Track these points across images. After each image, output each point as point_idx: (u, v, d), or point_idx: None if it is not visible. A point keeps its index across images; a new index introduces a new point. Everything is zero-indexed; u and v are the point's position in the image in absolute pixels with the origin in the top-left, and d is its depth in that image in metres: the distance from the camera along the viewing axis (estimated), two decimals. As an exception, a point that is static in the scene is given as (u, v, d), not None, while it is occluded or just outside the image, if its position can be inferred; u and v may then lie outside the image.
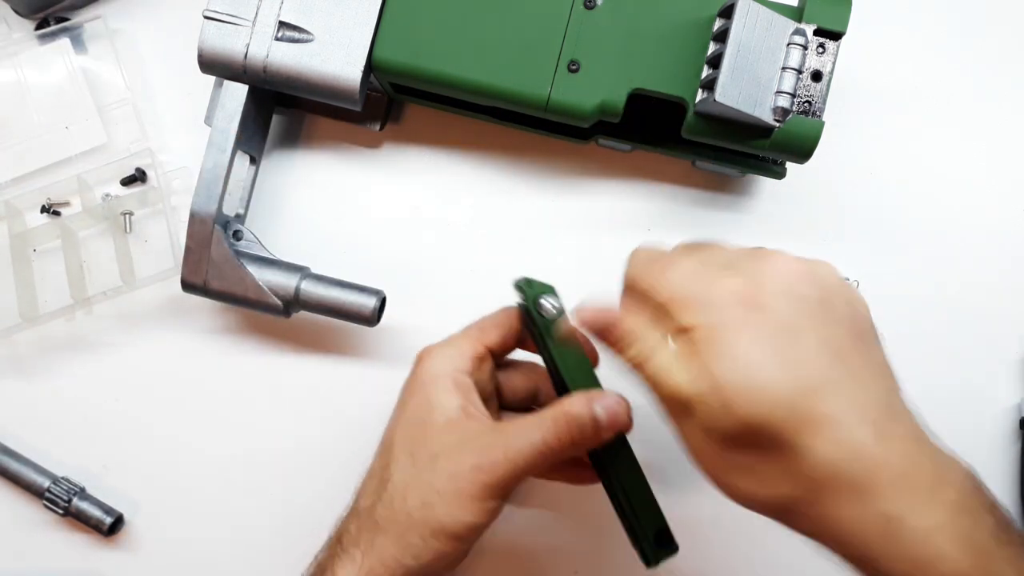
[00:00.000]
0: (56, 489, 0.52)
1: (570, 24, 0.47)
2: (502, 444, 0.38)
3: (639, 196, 0.54)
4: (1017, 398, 0.52)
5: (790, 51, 0.44)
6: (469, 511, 0.38)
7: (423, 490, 0.39)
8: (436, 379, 0.41)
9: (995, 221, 0.54)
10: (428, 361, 0.42)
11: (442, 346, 0.43)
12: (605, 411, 0.39)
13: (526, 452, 0.38)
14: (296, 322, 0.54)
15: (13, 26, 0.56)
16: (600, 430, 0.39)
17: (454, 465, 0.39)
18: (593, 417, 0.39)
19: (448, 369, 0.41)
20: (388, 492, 0.40)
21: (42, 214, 0.55)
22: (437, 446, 0.39)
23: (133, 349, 0.55)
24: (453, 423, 0.40)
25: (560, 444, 0.38)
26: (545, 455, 0.38)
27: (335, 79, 0.48)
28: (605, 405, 0.39)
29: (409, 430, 0.41)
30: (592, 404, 0.39)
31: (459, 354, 0.42)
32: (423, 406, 0.41)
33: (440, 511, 0.38)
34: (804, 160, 0.46)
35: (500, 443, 0.38)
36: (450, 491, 0.38)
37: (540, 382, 0.46)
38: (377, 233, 0.55)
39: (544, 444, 0.38)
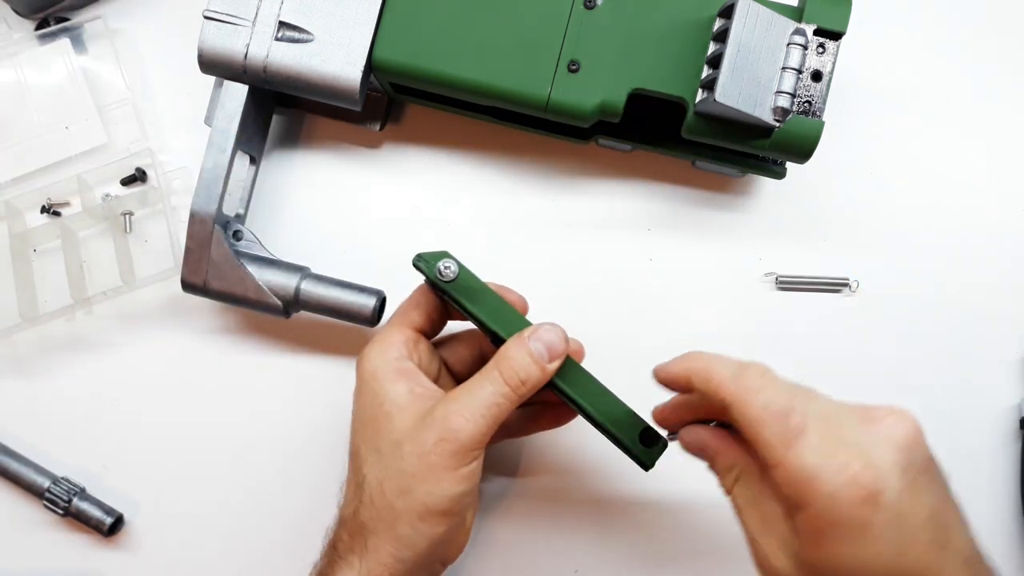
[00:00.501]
0: (56, 489, 0.52)
1: (570, 24, 0.47)
2: (457, 409, 0.39)
3: (639, 196, 0.54)
4: (1017, 398, 0.52)
5: (790, 51, 0.44)
6: (447, 482, 0.39)
7: (397, 479, 0.40)
8: (376, 373, 0.42)
9: (995, 221, 0.54)
10: (364, 361, 0.43)
11: (372, 343, 0.44)
12: (541, 343, 0.40)
13: (482, 408, 0.39)
14: (296, 322, 0.54)
15: (13, 26, 0.56)
16: (542, 363, 0.40)
17: (418, 445, 0.39)
18: (530, 353, 0.40)
19: (385, 360, 0.42)
20: (366, 493, 0.41)
21: (42, 214, 0.55)
22: (398, 433, 0.40)
23: (133, 349, 0.55)
24: (406, 408, 0.41)
25: (511, 390, 0.40)
26: (501, 406, 0.40)
27: (335, 79, 0.48)
28: (539, 338, 0.41)
29: (367, 429, 0.42)
30: (526, 342, 0.40)
31: (390, 344, 0.43)
32: (373, 403, 0.41)
33: (420, 493, 0.39)
34: (804, 160, 0.46)
35: (455, 409, 0.39)
36: (422, 470, 0.39)
37: (483, 345, 0.47)
38: (377, 233, 0.55)
39: (497, 395, 0.39)
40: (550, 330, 0.41)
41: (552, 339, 0.41)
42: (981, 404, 0.52)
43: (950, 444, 0.52)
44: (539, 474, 0.53)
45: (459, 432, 0.39)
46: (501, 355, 0.41)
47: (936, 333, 0.53)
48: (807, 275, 0.53)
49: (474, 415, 0.39)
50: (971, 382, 0.53)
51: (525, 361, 0.40)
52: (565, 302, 0.54)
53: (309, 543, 0.52)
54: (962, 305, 0.53)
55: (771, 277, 0.53)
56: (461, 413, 0.39)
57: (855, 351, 0.53)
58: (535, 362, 0.40)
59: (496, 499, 0.53)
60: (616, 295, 0.54)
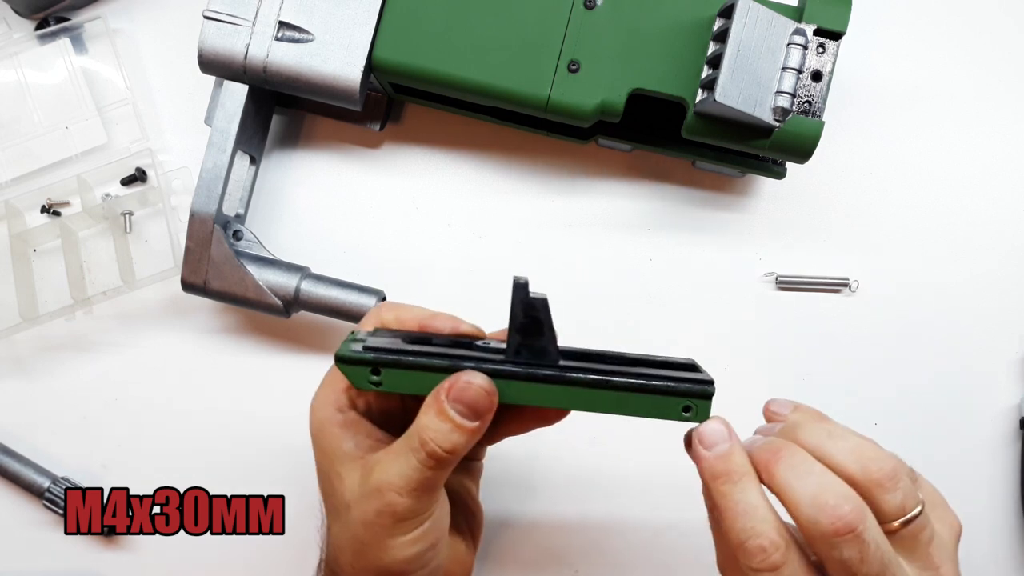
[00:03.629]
0: (56, 489, 0.52)
1: (570, 24, 0.47)
2: (388, 482, 0.36)
3: (639, 196, 0.54)
4: (1017, 398, 0.52)
5: (790, 51, 0.44)
6: (397, 548, 0.37)
7: (351, 542, 0.38)
8: (322, 428, 0.39)
9: (995, 221, 0.54)
10: (311, 413, 0.40)
11: (318, 389, 0.40)
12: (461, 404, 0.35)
13: (413, 482, 0.36)
14: (296, 322, 0.54)
15: (13, 26, 0.56)
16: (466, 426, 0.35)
17: (362, 513, 0.37)
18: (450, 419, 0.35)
19: (328, 413, 0.39)
20: (332, 548, 0.40)
21: (42, 214, 0.55)
22: (347, 495, 0.38)
23: (133, 349, 0.55)
24: (351, 468, 0.38)
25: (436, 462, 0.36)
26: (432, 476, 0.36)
27: (335, 79, 0.48)
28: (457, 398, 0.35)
29: (323, 483, 0.40)
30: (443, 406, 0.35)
31: (332, 392, 0.39)
32: (324, 459, 0.39)
33: (372, 556, 0.38)
34: (804, 160, 0.46)
35: (387, 482, 0.36)
36: (370, 538, 0.37)
37: None
38: (377, 233, 0.55)
39: (423, 468, 0.36)
40: (467, 385, 0.35)
41: (472, 397, 0.35)
42: (981, 404, 0.52)
43: (950, 444, 0.53)
44: (539, 474, 0.53)
45: (395, 506, 0.36)
46: (420, 424, 0.36)
47: (936, 333, 0.53)
48: (807, 275, 0.53)
49: (406, 488, 0.36)
50: (971, 382, 0.53)
51: (445, 429, 0.35)
52: (565, 302, 0.54)
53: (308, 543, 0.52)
54: (962, 305, 0.53)
55: (771, 277, 0.53)
56: (392, 487, 0.36)
57: (855, 351, 0.53)
58: (457, 428, 0.35)
59: (496, 499, 0.53)
60: (616, 295, 0.54)
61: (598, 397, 0.36)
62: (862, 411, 0.53)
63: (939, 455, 0.52)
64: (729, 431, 0.35)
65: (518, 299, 0.36)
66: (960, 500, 0.52)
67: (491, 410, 0.36)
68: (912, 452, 0.52)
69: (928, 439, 0.52)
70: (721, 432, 0.35)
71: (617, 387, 0.36)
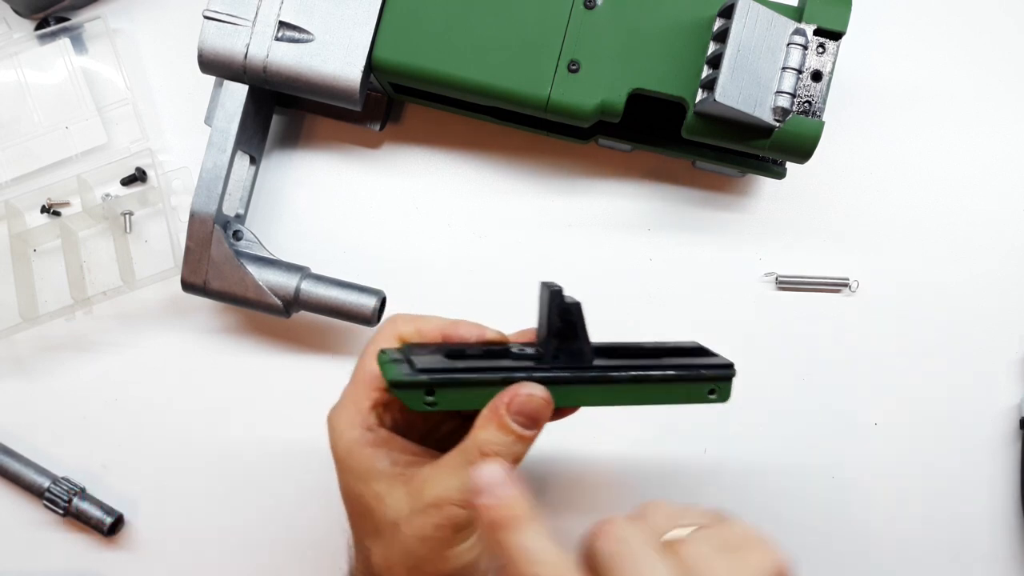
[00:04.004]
0: (56, 489, 0.52)
1: (570, 24, 0.47)
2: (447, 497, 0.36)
3: (639, 196, 0.54)
4: (1017, 398, 0.52)
5: (790, 51, 0.44)
6: (457, 556, 0.37)
7: (403, 559, 0.37)
8: (352, 449, 0.38)
9: (995, 221, 0.54)
10: (334, 433, 0.39)
11: (340, 408, 0.40)
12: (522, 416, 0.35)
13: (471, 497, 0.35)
14: (296, 322, 0.54)
15: (13, 26, 0.56)
16: (526, 436, 0.36)
17: (418, 529, 0.36)
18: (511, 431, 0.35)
19: (357, 434, 0.38)
20: (375, 566, 0.39)
21: (42, 214, 0.55)
22: (392, 514, 0.37)
23: (133, 349, 0.55)
24: (393, 486, 0.37)
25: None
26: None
27: (335, 79, 0.48)
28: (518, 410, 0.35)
29: (358, 505, 0.39)
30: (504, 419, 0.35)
31: (357, 412, 0.39)
32: (356, 481, 0.38)
33: (431, 568, 0.37)
34: (804, 160, 0.46)
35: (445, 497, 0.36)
36: (428, 552, 0.37)
37: None
38: (377, 233, 0.55)
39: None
40: (530, 398, 0.35)
41: (535, 408, 0.35)
42: (981, 404, 0.52)
43: (950, 444, 0.53)
44: (539, 474, 0.53)
45: (456, 519, 0.36)
46: (481, 438, 0.36)
47: (936, 333, 0.53)
48: (807, 275, 0.53)
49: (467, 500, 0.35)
50: (971, 382, 0.53)
51: (507, 442, 0.35)
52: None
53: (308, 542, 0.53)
54: (962, 305, 0.53)
55: (771, 277, 0.53)
56: (453, 500, 0.35)
57: (855, 351, 0.53)
58: (519, 439, 0.35)
59: (496, 499, 0.53)
60: (616, 295, 0.54)
61: (637, 392, 0.37)
62: (862, 411, 0.53)
63: (939, 455, 0.52)
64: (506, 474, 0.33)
65: (554, 305, 0.37)
66: (960, 500, 0.52)
67: (548, 418, 0.36)
68: (912, 452, 0.53)
69: (928, 439, 0.52)
70: (498, 475, 0.33)
71: (655, 380, 0.37)
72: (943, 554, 0.52)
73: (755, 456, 0.53)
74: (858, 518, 0.52)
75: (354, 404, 0.39)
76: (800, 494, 0.52)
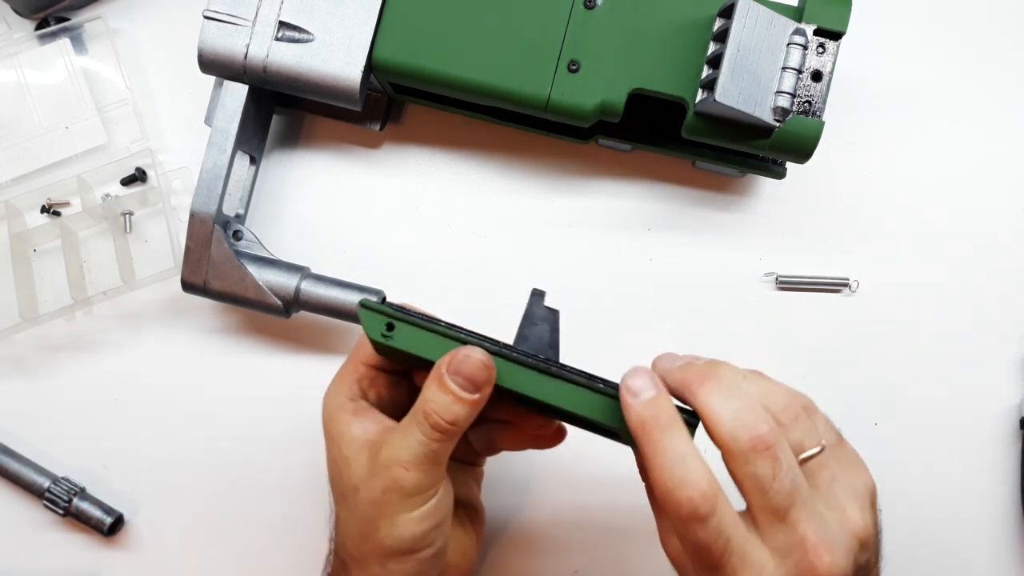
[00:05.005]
0: (56, 489, 0.52)
1: (570, 24, 0.47)
2: (395, 457, 0.38)
3: (639, 196, 0.54)
4: (1017, 398, 0.52)
5: (790, 51, 0.44)
6: (404, 526, 0.38)
7: (358, 524, 0.39)
8: (333, 415, 0.41)
9: (995, 221, 0.54)
10: (324, 403, 0.42)
11: (332, 382, 0.43)
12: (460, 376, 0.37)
13: (418, 456, 0.37)
14: (296, 322, 0.54)
15: (13, 26, 0.56)
16: (466, 399, 0.37)
17: (370, 492, 0.38)
18: (450, 391, 0.37)
19: (340, 401, 0.41)
20: (340, 533, 0.41)
21: (42, 214, 0.55)
22: (355, 478, 0.39)
23: (133, 349, 0.55)
24: (359, 451, 0.39)
25: (440, 434, 0.37)
26: (437, 450, 0.38)
27: (335, 79, 0.48)
28: (456, 371, 0.37)
29: (332, 470, 0.41)
30: (444, 379, 0.37)
31: (345, 383, 0.42)
32: (333, 446, 0.41)
33: (381, 535, 0.38)
34: (804, 160, 0.46)
35: (394, 457, 0.38)
36: (377, 516, 0.38)
37: None
38: (377, 233, 0.55)
39: (426, 441, 0.37)
40: (466, 358, 0.37)
41: (471, 368, 0.37)
42: (981, 404, 0.52)
43: (950, 444, 0.53)
44: (539, 474, 0.53)
45: (402, 481, 0.38)
46: (423, 397, 0.38)
47: (936, 333, 0.53)
48: (807, 275, 0.53)
49: (412, 463, 0.37)
50: (971, 382, 0.53)
51: (447, 401, 0.37)
52: (565, 302, 0.53)
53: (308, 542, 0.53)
54: (962, 305, 0.53)
55: (771, 277, 0.53)
56: (399, 462, 0.38)
57: (855, 351, 0.53)
58: (458, 400, 0.37)
59: (496, 499, 0.53)
60: (616, 295, 0.54)
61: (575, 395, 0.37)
62: (862, 411, 0.53)
63: (939, 455, 0.52)
64: (655, 380, 0.35)
65: (534, 304, 0.40)
66: (960, 500, 0.52)
67: (489, 383, 0.37)
68: (912, 452, 0.53)
69: (928, 439, 0.52)
70: (647, 380, 0.35)
71: (597, 391, 0.37)
72: (943, 554, 0.52)
73: (755, 456, 0.53)
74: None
75: (343, 376, 0.42)
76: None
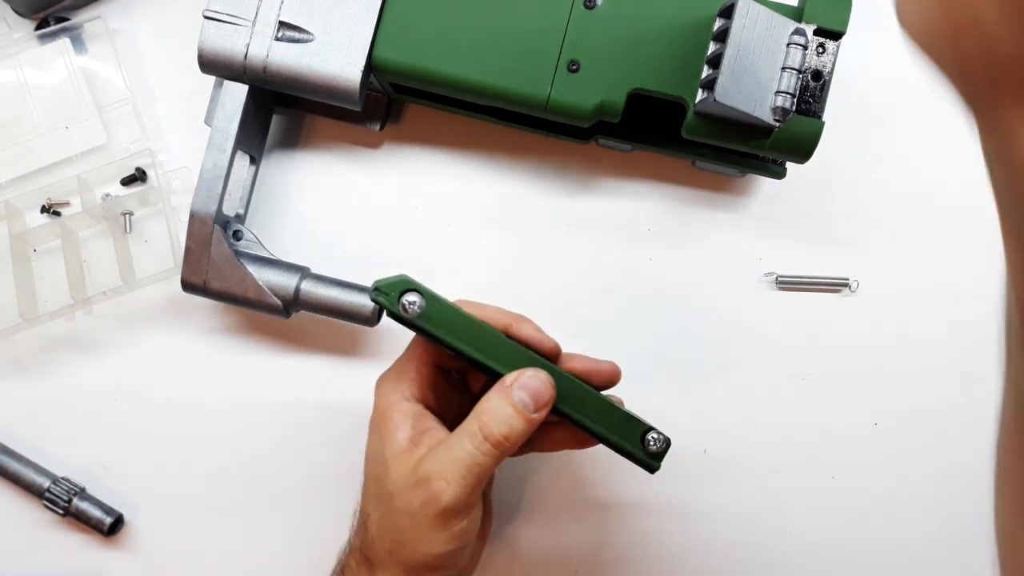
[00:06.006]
0: (56, 489, 0.52)
1: (570, 24, 0.47)
2: (438, 471, 0.37)
3: (639, 196, 0.54)
4: (1017, 398, 0.52)
5: (790, 51, 0.44)
6: (434, 543, 0.38)
7: (391, 532, 0.39)
8: (384, 413, 0.40)
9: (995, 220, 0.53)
10: (379, 396, 0.41)
11: (389, 374, 0.42)
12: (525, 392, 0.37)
13: (463, 470, 0.37)
14: (296, 322, 0.54)
15: (13, 26, 0.56)
16: (527, 415, 0.37)
17: (407, 504, 0.38)
18: (512, 404, 0.37)
19: (393, 400, 0.40)
20: (369, 533, 0.40)
21: (42, 214, 0.55)
22: (391, 486, 0.38)
23: (133, 349, 0.55)
24: (401, 459, 0.39)
25: (492, 447, 0.37)
26: (483, 464, 0.37)
27: (335, 79, 0.48)
28: (522, 386, 0.37)
29: (371, 469, 0.41)
30: (509, 392, 0.37)
31: (402, 379, 0.41)
32: (378, 443, 0.40)
33: (410, 548, 0.38)
34: (804, 160, 0.46)
35: (436, 470, 0.37)
36: (410, 529, 0.38)
37: None
38: (377, 233, 0.55)
39: (477, 454, 0.37)
40: (534, 376, 0.38)
41: (537, 386, 0.37)
42: (981, 404, 0.52)
43: (950, 444, 0.53)
44: (540, 474, 0.53)
45: (441, 495, 0.37)
46: (481, 408, 0.38)
47: (936, 333, 0.53)
48: (807, 275, 0.53)
49: (455, 477, 0.37)
50: (971, 382, 0.53)
51: (507, 413, 0.37)
52: (565, 302, 0.54)
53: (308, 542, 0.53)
54: (962, 305, 0.53)
55: (771, 277, 0.53)
56: (442, 475, 0.37)
57: (855, 351, 0.53)
58: (518, 413, 0.37)
59: (497, 499, 0.53)
60: (616, 295, 0.54)
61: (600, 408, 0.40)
62: (862, 411, 0.53)
63: (939, 455, 0.52)
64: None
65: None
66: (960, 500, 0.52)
67: (549, 405, 0.38)
68: (912, 452, 0.53)
69: (928, 439, 0.52)
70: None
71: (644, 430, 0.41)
72: (943, 554, 0.52)
73: (755, 456, 0.53)
74: (858, 518, 0.53)
75: (402, 371, 0.41)
76: (800, 494, 0.52)
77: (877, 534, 0.52)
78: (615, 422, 0.41)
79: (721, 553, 0.52)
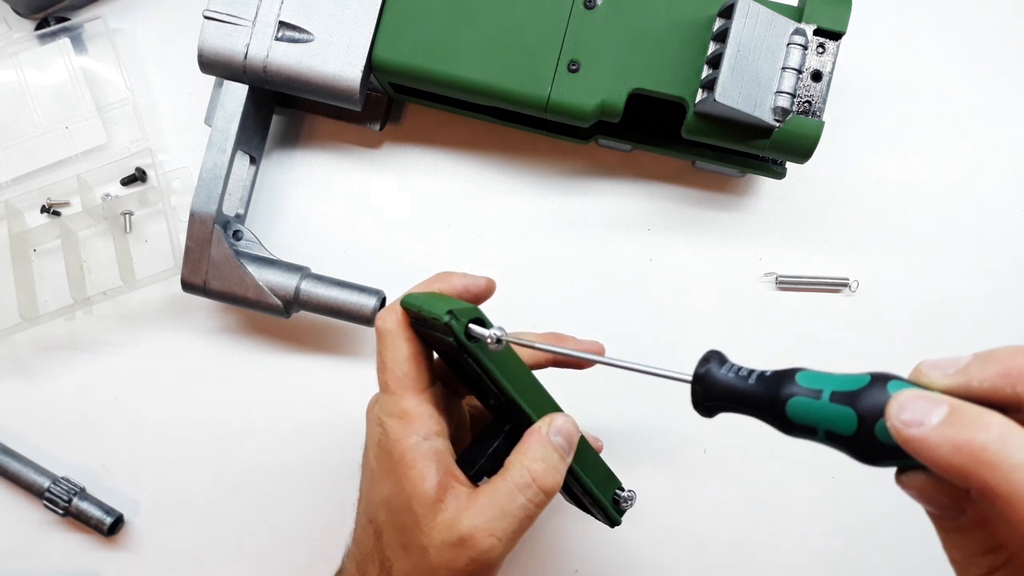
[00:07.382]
0: (56, 489, 0.52)
1: (570, 24, 0.47)
2: (487, 528, 0.35)
3: (639, 196, 0.54)
4: (1017, 398, 0.52)
5: (790, 51, 0.44)
6: None
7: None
8: (403, 459, 0.37)
9: (995, 220, 0.54)
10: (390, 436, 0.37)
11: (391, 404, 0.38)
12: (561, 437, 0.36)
13: (515, 524, 0.36)
14: (296, 322, 0.54)
15: (13, 26, 0.56)
16: (567, 460, 0.37)
17: (448, 561, 0.36)
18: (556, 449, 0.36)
19: (413, 442, 0.37)
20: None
21: (42, 214, 0.55)
22: (425, 539, 0.36)
23: (133, 349, 0.55)
24: (432, 510, 0.36)
25: (546, 497, 0.36)
26: (533, 515, 0.36)
27: (335, 79, 0.48)
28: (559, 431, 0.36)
29: (392, 516, 0.37)
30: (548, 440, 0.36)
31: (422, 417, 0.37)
32: (399, 492, 0.37)
33: None
34: (804, 160, 0.46)
35: (484, 527, 0.35)
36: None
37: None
38: (377, 233, 0.55)
39: (530, 505, 0.36)
40: (567, 421, 0.37)
41: (571, 430, 0.37)
42: (981, 404, 0.52)
43: (950, 444, 0.52)
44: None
45: (492, 553, 0.35)
46: (529, 458, 0.36)
47: (936, 333, 0.53)
48: (807, 275, 0.53)
49: (506, 533, 0.35)
50: (971, 382, 0.53)
51: (555, 460, 0.36)
52: (565, 302, 0.54)
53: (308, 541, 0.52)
54: (962, 304, 0.53)
55: (771, 277, 0.53)
56: (492, 532, 0.35)
57: (855, 351, 0.53)
58: (562, 459, 0.36)
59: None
60: (616, 295, 0.54)
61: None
62: (862, 411, 0.53)
63: (939, 455, 0.52)
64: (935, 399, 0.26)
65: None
66: (960, 500, 0.52)
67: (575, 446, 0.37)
68: (912, 452, 0.53)
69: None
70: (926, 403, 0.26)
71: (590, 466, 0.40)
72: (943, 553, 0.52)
73: (754, 456, 0.53)
74: (858, 518, 0.52)
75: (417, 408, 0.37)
76: (800, 494, 0.52)
77: (877, 534, 0.52)
78: (600, 477, 0.40)
79: (721, 553, 0.52)
